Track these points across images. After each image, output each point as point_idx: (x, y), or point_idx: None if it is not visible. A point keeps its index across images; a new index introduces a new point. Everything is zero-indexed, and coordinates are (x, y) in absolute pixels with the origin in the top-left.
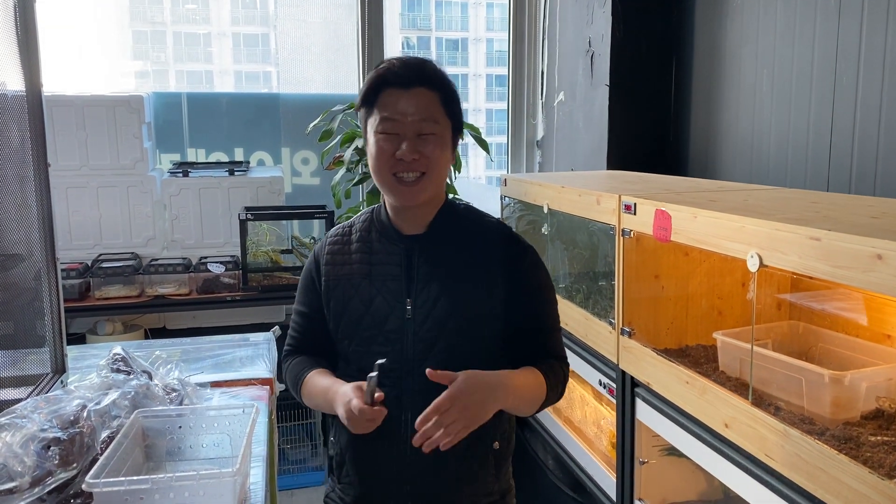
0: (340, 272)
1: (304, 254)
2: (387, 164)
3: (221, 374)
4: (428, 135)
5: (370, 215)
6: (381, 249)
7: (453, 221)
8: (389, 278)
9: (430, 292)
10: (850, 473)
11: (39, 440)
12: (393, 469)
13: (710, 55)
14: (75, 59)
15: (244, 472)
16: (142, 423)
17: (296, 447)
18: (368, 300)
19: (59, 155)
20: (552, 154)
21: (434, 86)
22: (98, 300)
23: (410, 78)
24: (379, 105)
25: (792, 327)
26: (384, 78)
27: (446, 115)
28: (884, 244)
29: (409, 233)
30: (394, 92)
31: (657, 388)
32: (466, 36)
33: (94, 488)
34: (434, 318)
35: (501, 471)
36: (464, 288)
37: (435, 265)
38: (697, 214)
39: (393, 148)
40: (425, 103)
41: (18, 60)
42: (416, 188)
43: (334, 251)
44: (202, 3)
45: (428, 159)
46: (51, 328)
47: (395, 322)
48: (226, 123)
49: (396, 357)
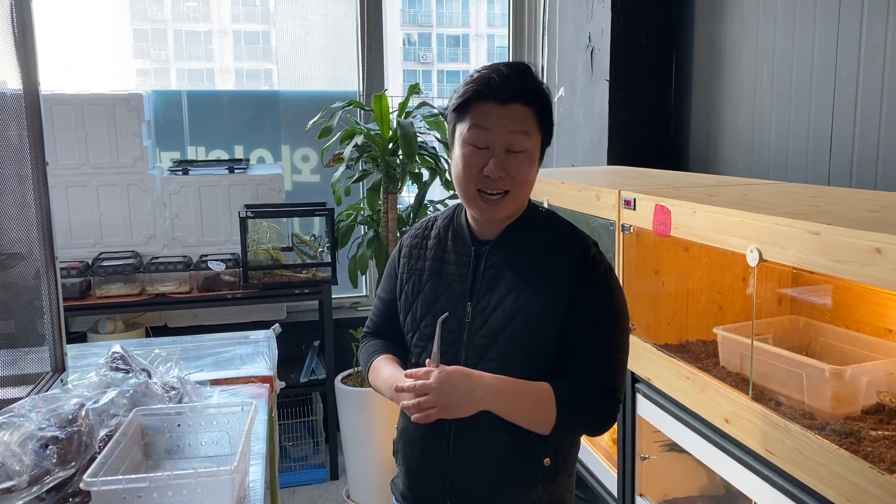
0: (414, 267)
1: (304, 251)
2: (473, 179)
3: (221, 372)
4: (518, 152)
5: (451, 214)
6: (453, 249)
7: (529, 230)
8: (456, 279)
9: (490, 299)
10: (851, 468)
11: (37, 439)
12: (435, 466)
13: (710, 49)
14: (76, 58)
15: (242, 469)
16: (140, 422)
17: (297, 444)
18: (433, 298)
19: (59, 154)
20: (552, 149)
21: (531, 101)
22: (99, 299)
23: (509, 94)
24: (471, 114)
25: (793, 322)
26: (480, 92)
27: (539, 130)
28: (883, 238)
29: (485, 237)
30: (489, 106)
31: (658, 383)
32: (467, 32)
33: (91, 487)
34: (490, 325)
35: (551, 486)
36: (524, 297)
37: (500, 271)
38: (697, 209)
39: (481, 163)
40: (520, 119)
41: (16, 59)
42: (499, 206)
43: (413, 245)
44: (202, 0)
45: (514, 179)
46: (50, 327)
47: (454, 323)
48: (226, 121)
49: (450, 358)
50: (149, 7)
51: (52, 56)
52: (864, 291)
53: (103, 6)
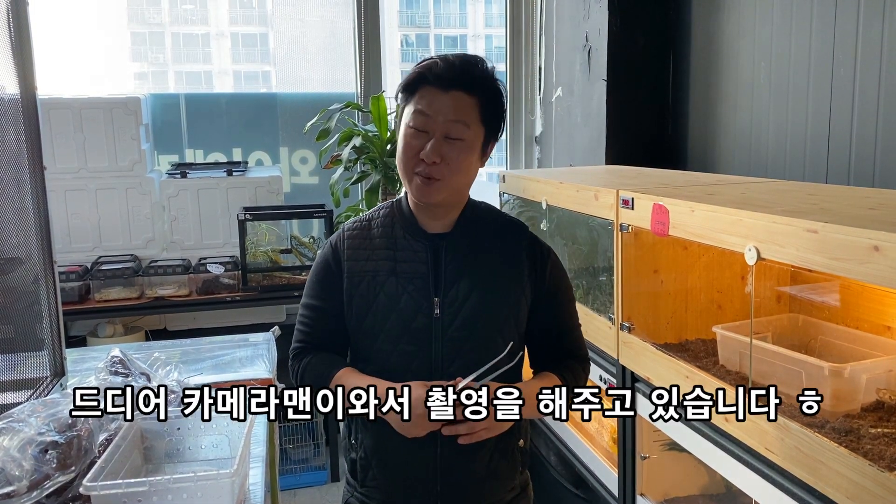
0: (364, 267)
1: (303, 253)
2: (410, 160)
3: (221, 375)
4: (455, 139)
5: (391, 209)
6: (406, 246)
7: (477, 221)
8: (416, 276)
9: (458, 291)
10: (850, 466)
11: (37, 444)
12: (423, 469)
13: (707, 48)
14: (75, 62)
15: (242, 472)
16: (140, 426)
17: (298, 447)
18: (395, 297)
19: (57, 158)
20: (551, 150)
21: (474, 90)
22: (98, 302)
23: (450, 80)
24: (416, 98)
25: (792, 320)
26: (423, 76)
27: (480, 122)
28: (881, 235)
29: (434, 231)
30: (432, 90)
31: (657, 382)
32: (465, 33)
33: (91, 491)
34: (463, 317)
35: (525, 467)
36: (493, 287)
37: (463, 264)
38: (695, 208)
39: (419, 145)
40: (460, 107)
41: (13, 64)
42: (431, 188)
43: (355, 245)
44: (200, 3)
45: (448, 166)
46: (49, 331)
47: (422, 320)
48: (224, 124)
49: (424, 357)
50: (146, 10)
51: (50, 60)
52: (863, 289)
53: (100, 10)
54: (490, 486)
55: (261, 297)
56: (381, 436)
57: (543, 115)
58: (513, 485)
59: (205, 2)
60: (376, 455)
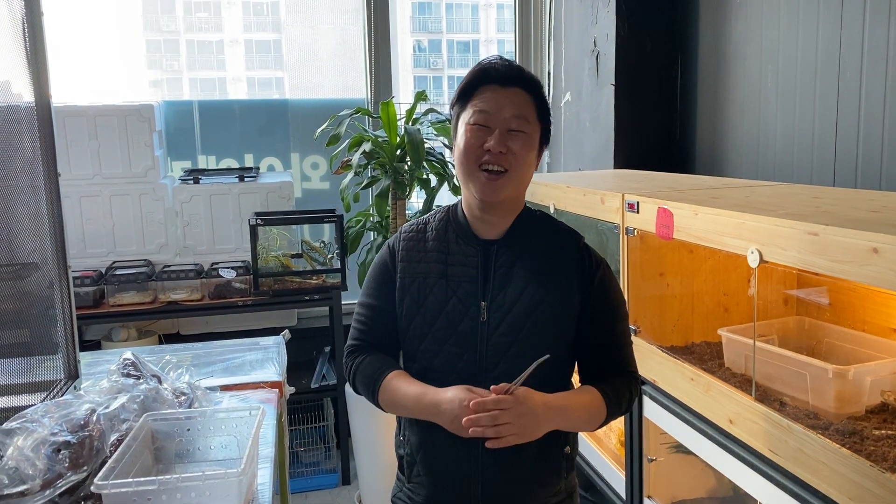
0: (416, 269)
1: (314, 257)
2: (474, 153)
3: (231, 378)
4: (518, 132)
5: (446, 214)
6: (457, 250)
7: (530, 228)
8: (466, 280)
9: (505, 296)
10: (852, 467)
11: (50, 444)
12: (465, 470)
13: (714, 52)
14: (93, 70)
15: (250, 472)
16: (151, 426)
17: (309, 450)
18: (444, 300)
19: (72, 164)
20: (560, 154)
21: (531, 89)
22: (112, 307)
23: (511, 77)
24: (475, 99)
25: (798, 323)
26: (486, 73)
27: (538, 118)
28: (880, 238)
29: (486, 237)
30: (492, 87)
31: (663, 385)
32: (478, 38)
33: (102, 489)
34: (509, 322)
35: (570, 474)
36: (540, 294)
37: (512, 270)
38: (699, 211)
39: (482, 139)
40: (521, 102)
41: (28, 73)
42: (499, 183)
43: (409, 247)
44: (214, 11)
45: (515, 156)
46: (64, 335)
47: (468, 324)
48: (237, 130)
49: (470, 359)
50: (161, 18)
51: (69, 69)
52: (868, 291)
53: (115, 18)
54: (532, 490)
55: (272, 302)
56: (426, 435)
57: (553, 120)
58: (556, 490)
59: (219, 9)
60: (420, 452)
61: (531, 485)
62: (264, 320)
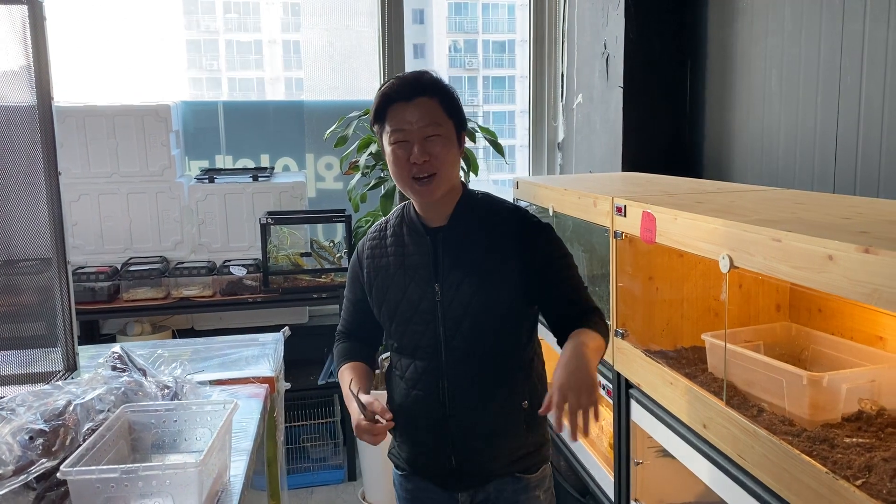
0: (379, 264)
1: (323, 256)
2: (404, 169)
3: (224, 373)
4: (433, 136)
5: (401, 212)
6: (411, 242)
7: (472, 210)
8: (420, 266)
9: (454, 278)
10: (810, 473)
11: (26, 431)
12: (434, 431)
13: (722, 55)
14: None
15: (216, 464)
16: (128, 417)
17: (316, 446)
18: (404, 287)
19: (91, 162)
20: (571, 156)
21: (433, 93)
22: (126, 302)
23: (411, 91)
24: (388, 119)
25: (785, 329)
26: (388, 96)
27: (448, 117)
28: (834, 245)
29: (435, 225)
30: (399, 106)
31: (646, 388)
32: (513, 38)
33: (67, 476)
34: (459, 300)
35: (533, 427)
36: (484, 271)
37: (457, 253)
38: (677, 216)
39: (406, 154)
40: (427, 110)
41: (31, 74)
42: (432, 186)
43: (373, 246)
44: (253, 11)
45: (437, 159)
46: (62, 328)
47: (427, 304)
48: (257, 130)
49: (432, 334)
50: (201, 19)
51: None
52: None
53: (157, 19)
54: (496, 443)
55: (281, 299)
56: (400, 399)
57: (565, 122)
58: (521, 443)
59: (258, 9)
60: (398, 418)
61: (493, 437)
62: (276, 317)
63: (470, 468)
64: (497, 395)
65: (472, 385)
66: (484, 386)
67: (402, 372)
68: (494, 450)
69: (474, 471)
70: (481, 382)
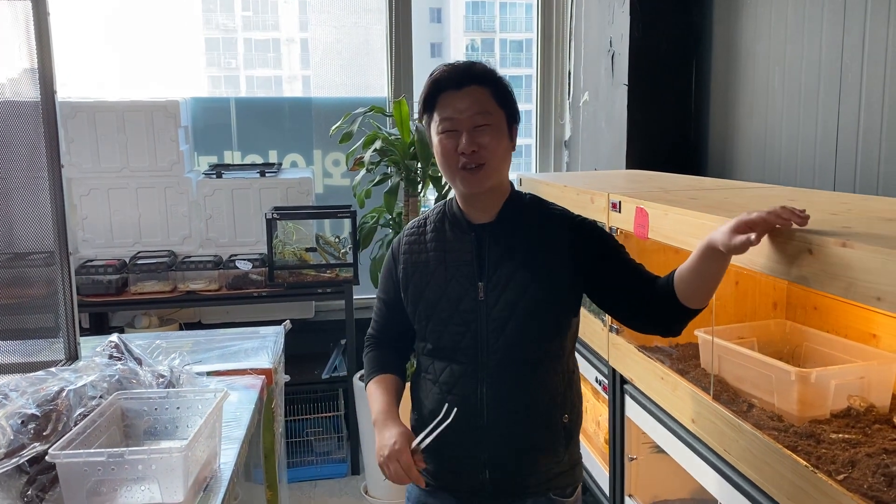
0: (418, 260)
1: (328, 251)
2: (451, 158)
3: (222, 365)
4: (483, 126)
5: (443, 208)
6: (453, 238)
7: (520, 210)
8: (462, 264)
9: (500, 276)
10: (790, 467)
11: (19, 415)
12: (470, 439)
13: (726, 53)
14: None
15: (205, 450)
16: (121, 404)
17: (321, 439)
18: (444, 284)
19: (101, 157)
20: (578, 153)
21: (484, 82)
22: (134, 295)
23: (462, 79)
24: (438, 108)
25: (779, 326)
26: (439, 83)
27: (499, 107)
28: (813, 238)
29: (479, 222)
30: (449, 94)
31: (639, 384)
32: (531, 37)
33: (56, 459)
34: (505, 299)
35: (570, 443)
36: (533, 271)
37: (504, 250)
38: (668, 212)
39: (454, 144)
40: (478, 98)
41: (35, 68)
42: (479, 175)
43: (411, 242)
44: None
45: (486, 149)
46: (65, 319)
47: (468, 303)
48: (266, 127)
49: (472, 335)
50: (219, 17)
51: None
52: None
53: (175, 16)
54: (534, 459)
55: (286, 294)
56: (432, 407)
57: (572, 119)
58: (558, 459)
59: (276, 7)
60: (426, 423)
61: (532, 451)
62: (283, 312)
63: (504, 484)
64: (539, 404)
65: (512, 392)
66: (525, 394)
67: (435, 376)
68: (532, 465)
69: (508, 487)
70: (522, 390)
